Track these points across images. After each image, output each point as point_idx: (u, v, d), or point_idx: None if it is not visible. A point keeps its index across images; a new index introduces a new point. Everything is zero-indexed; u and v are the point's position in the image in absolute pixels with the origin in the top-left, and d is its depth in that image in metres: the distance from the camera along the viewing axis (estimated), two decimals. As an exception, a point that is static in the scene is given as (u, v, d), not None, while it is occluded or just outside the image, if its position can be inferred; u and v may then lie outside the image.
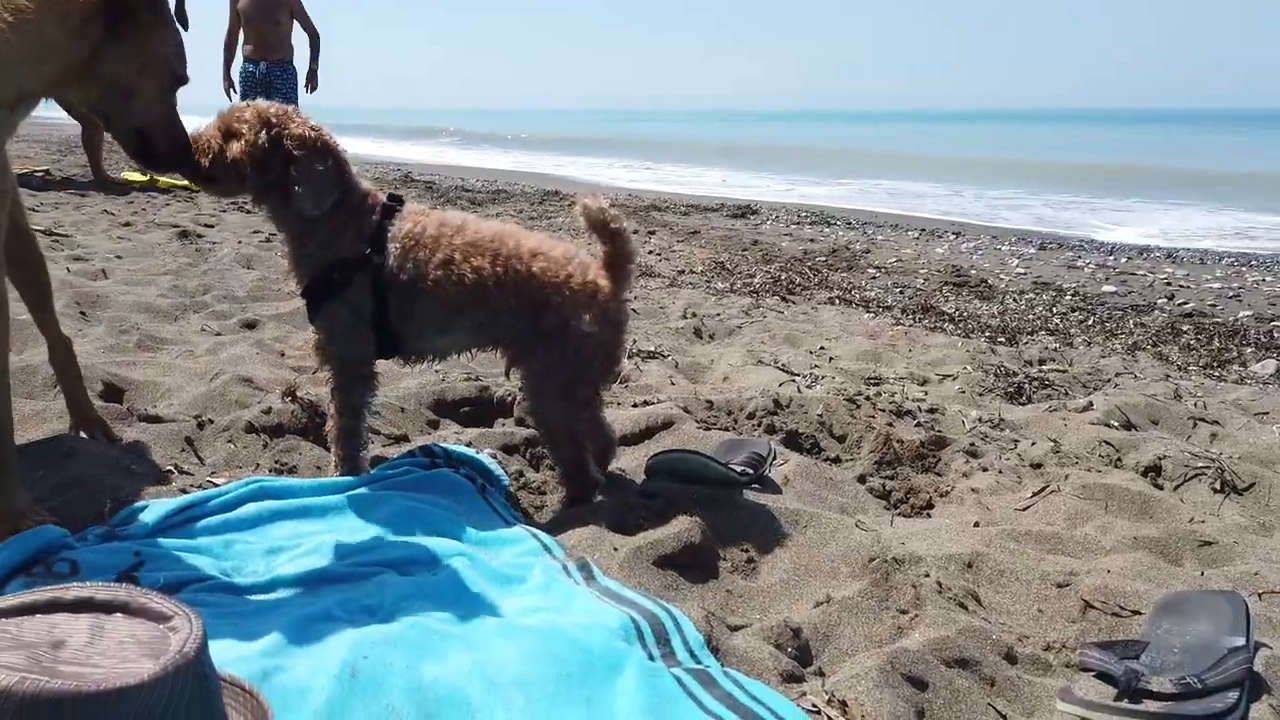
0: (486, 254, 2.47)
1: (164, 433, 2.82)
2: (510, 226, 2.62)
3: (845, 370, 4.33)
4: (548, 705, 1.65)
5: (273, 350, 3.95)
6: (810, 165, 23.07)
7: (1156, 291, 7.37)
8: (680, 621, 1.94)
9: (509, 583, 2.12)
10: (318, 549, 2.21)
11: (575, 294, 2.46)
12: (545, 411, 2.57)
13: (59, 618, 1.38)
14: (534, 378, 2.54)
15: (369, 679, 1.65)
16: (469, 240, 2.49)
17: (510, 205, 11.17)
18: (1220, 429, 3.56)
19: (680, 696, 1.70)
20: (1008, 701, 1.84)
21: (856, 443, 3.32)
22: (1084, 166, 19.56)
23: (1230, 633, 1.87)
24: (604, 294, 2.49)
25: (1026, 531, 2.58)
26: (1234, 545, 2.54)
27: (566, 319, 2.45)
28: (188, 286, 5.08)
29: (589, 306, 2.46)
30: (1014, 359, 4.75)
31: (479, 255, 2.47)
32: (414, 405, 3.29)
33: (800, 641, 1.99)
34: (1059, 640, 2.09)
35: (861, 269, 7.91)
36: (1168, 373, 4.69)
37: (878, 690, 1.73)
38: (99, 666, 1.28)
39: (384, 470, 2.62)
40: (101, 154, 10.40)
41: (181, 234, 6.84)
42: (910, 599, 2.12)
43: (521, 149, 31.99)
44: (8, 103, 1.94)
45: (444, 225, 2.52)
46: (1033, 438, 3.39)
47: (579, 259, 2.53)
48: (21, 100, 1.97)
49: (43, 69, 1.90)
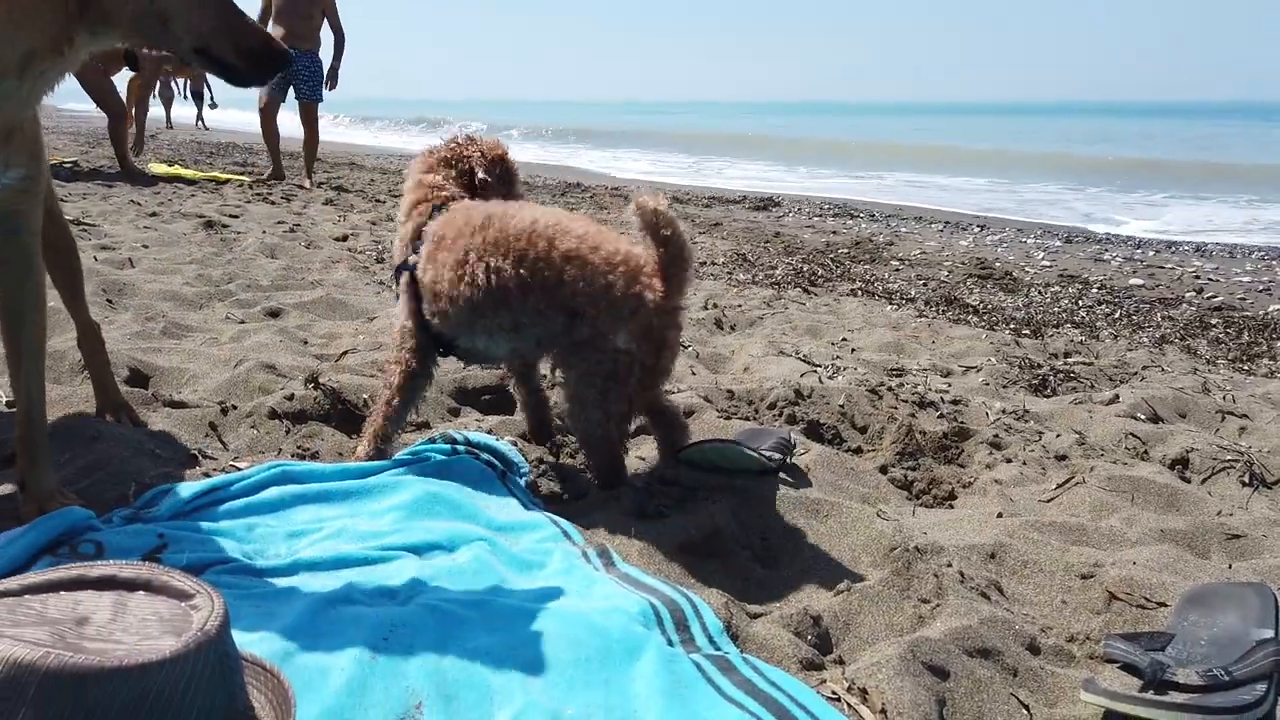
0: (510, 254, 2.36)
1: (188, 418, 2.85)
2: (553, 220, 2.42)
3: (867, 361, 4.30)
4: (566, 688, 1.65)
5: (296, 338, 3.97)
6: (832, 158, 22.94)
7: (1185, 285, 7.28)
8: (700, 608, 1.94)
9: (529, 568, 2.12)
10: (339, 533, 2.22)
11: (612, 305, 2.30)
12: (579, 420, 2.49)
13: (83, 594, 1.39)
14: (569, 385, 2.46)
15: (389, 660, 1.66)
16: (491, 239, 2.39)
17: (532, 197, 11.18)
18: (1249, 422, 3.51)
19: (699, 682, 1.69)
20: (1030, 692, 1.82)
21: (878, 433, 3.30)
22: (1109, 160, 19.32)
23: (1259, 625, 1.84)
24: (648, 307, 2.31)
25: (1051, 523, 2.55)
26: (1263, 539, 2.50)
27: (602, 332, 2.33)
28: (213, 275, 5.12)
29: (627, 322, 2.31)
30: (1039, 351, 4.70)
31: (498, 255, 2.37)
32: (435, 393, 3.29)
33: (820, 629, 1.98)
34: (1083, 632, 2.06)
35: (885, 261, 7.86)
36: (1195, 366, 4.63)
37: (898, 678, 1.71)
38: (122, 643, 1.29)
39: (405, 456, 2.63)
40: (127, 146, 10.50)
41: (207, 224, 6.90)
42: (932, 588, 2.10)
43: (539, 141, 31.99)
44: (13, 70, 1.83)
45: (469, 222, 2.44)
46: (1057, 430, 3.36)
47: (627, 264, 2.33)
48: (30, 65, 1.84)
49: (40, 22, 1.80)
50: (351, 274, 5.58)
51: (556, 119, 40.38)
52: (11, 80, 1.85)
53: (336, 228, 7.39)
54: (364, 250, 6.42)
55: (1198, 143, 29.55)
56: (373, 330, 4.24)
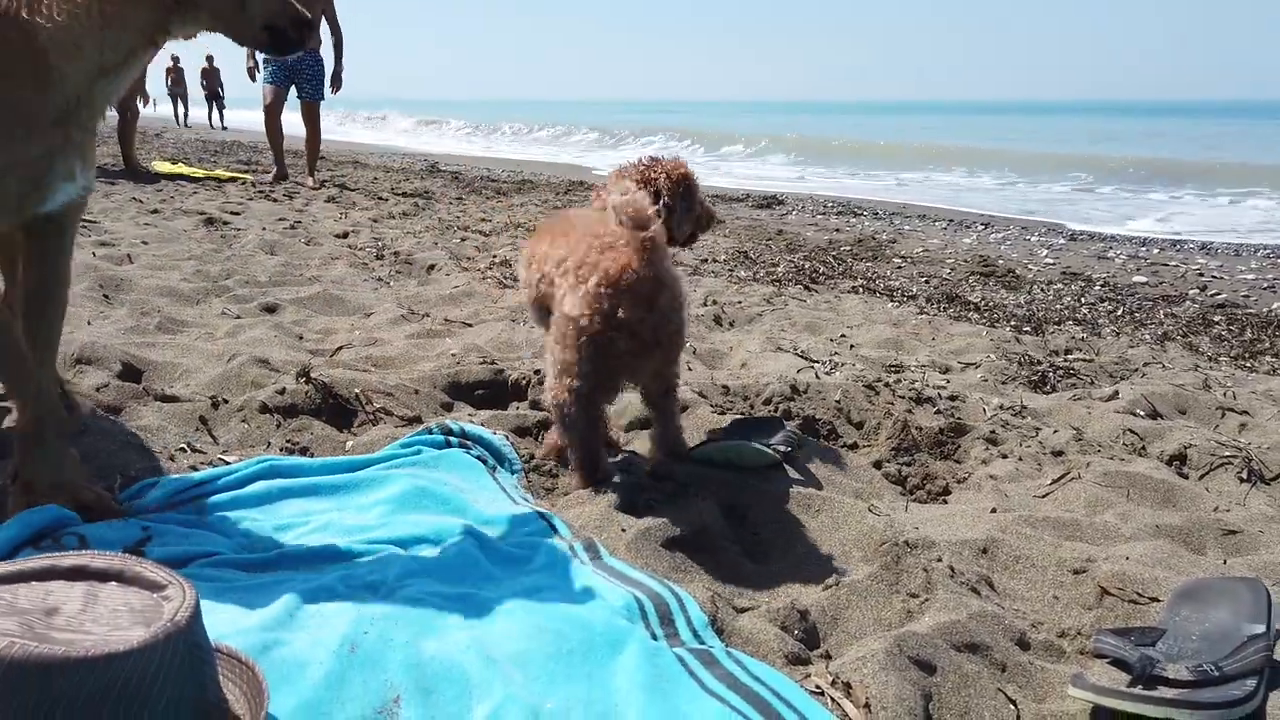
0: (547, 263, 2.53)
1: (179, 412, 2.84)
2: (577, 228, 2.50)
3: (866, 358, 4.28)
4: (547, 681, 1.64)
5: (291, 333, 3.96)
6: (835, 157, 22.88)
7: (1188, 282, 7.23)
8: (685, 602, 1.92)
9: (514, 562, 2.10)
10: (325, 527, 2.21)
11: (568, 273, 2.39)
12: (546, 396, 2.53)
13: (54, 585, 1.38)
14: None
15: (368, 654, 1.65)
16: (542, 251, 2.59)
17: (535, 195, 11.16)
18: (1250, 419, 3.48)
19: (681, 675, 1.68)
20: (1018, 687, 1.80)
21: (874, 429, 3.27)
22: (1114, 159, 19.21)
23: (1250, 620, 1.81)
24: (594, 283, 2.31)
25: (1045, 518, 2.53)
26: (1259, 534, 2.47)
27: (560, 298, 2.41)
28: (211, 271, 5.11)
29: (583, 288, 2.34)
30: (1039, 348, 4.67)
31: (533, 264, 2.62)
32: (428, 388, 3.28)
33: (808, 624, 1.96)
34: (1074, 627, 2.04)
35: (887, 259, 7.82)
36: (1197, 363, 4.59)
37: (883, 673, 1.69)
38: (91, 633, 1.28)
39: (395, 449, 2.62)
40: (134, 144, 10.51)
41: (208, 220, 6.89)
42: (921, 583, 2.08)
43: (544, 140, 32.03)
44: (116, 67, 1.96)
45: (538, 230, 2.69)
46: (1055, 426, 3.33)
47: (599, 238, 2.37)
48: (129, 61, 1.99)
49: (144, 17, 1.94)
50: (350, 270, 5.57)
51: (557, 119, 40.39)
52: (112, 77, 1.98)
53: (338, 225, 7.39)
54: (364, 247, 6.41)
55: (1204, 141, 29.40)
56: (368, 326, 4.23)
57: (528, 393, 3.33)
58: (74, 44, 1.87)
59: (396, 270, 5.70)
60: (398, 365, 3.60)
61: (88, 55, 1.90)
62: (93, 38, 1.89)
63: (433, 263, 5.91)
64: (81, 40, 1.88)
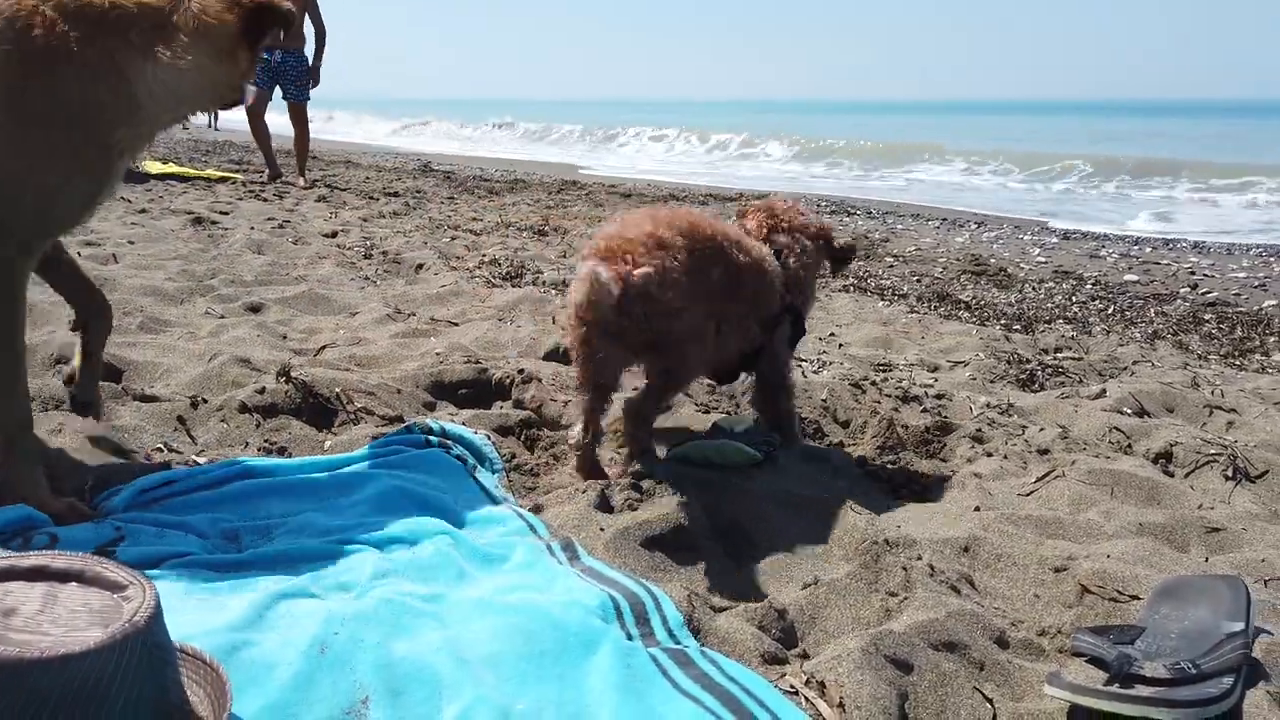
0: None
1: (157, 412, 2.81)
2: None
3: (854, 356, 4.26)
4: (519, 682, 1.62)
5: (275, 333, 3.94)
6: (834, 156, 22.87)
7: (1180, 280, 7.23)
8: (661, 601, 1.90)
9: (491, 562, 2.08)
10: (302, 527, 2.19)
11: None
12: None
13: (13, 585, 1.36)
14: None
15: (338, 655, 1.63)
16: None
17: (528, 195, 11.14)
18: (1237, 417, 3.47)
19: (655, 675, 1.66)
20: (996, 686, 1.78)
21: (860, 428, 3.26)
22: (1109, 158, 19.20)
23: (1229, 618, 1.80)
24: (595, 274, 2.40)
25: (1027, 516, 2.52)
26: (1242, 532, 2.46)
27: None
28: (196, 271, 5.08)
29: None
30: (1029, 346, 4.66)
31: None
32: (411, 387, 3.26)
33: (785, 623, 1.95)
34: (1054, 625, 2.03)
35: (879, 258, 7.81)
36: (1186, 361, 4.59)
37: (859, 671, 1.68)
38: (48, 634, 1.26)
39: (374, 449, 2.60)
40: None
41: (195, 220, 6.86)
42: (900, 581, 2.06)
43: (537, 140, 32.02)
44: (183, 118, 2.31)
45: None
46: (1042, 424, 3.32)
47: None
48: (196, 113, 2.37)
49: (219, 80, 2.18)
50: (337, 269, 5.54)
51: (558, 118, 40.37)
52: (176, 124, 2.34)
53: (327, 224, 7.36)
54: (353, 246, 6.38)
55: (1204, 141, 29.42)
56: (353, 325, 4.21)
57: (511, 392, 3.31)
58: (172, 95, 2.07)
59: (384, 269, 5.67)
60: (381, 364, 3.58)
61: (178, 106, 2.15)
62: (190, 92, 2.13)
63: (421, 262, 5.89)
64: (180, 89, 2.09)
